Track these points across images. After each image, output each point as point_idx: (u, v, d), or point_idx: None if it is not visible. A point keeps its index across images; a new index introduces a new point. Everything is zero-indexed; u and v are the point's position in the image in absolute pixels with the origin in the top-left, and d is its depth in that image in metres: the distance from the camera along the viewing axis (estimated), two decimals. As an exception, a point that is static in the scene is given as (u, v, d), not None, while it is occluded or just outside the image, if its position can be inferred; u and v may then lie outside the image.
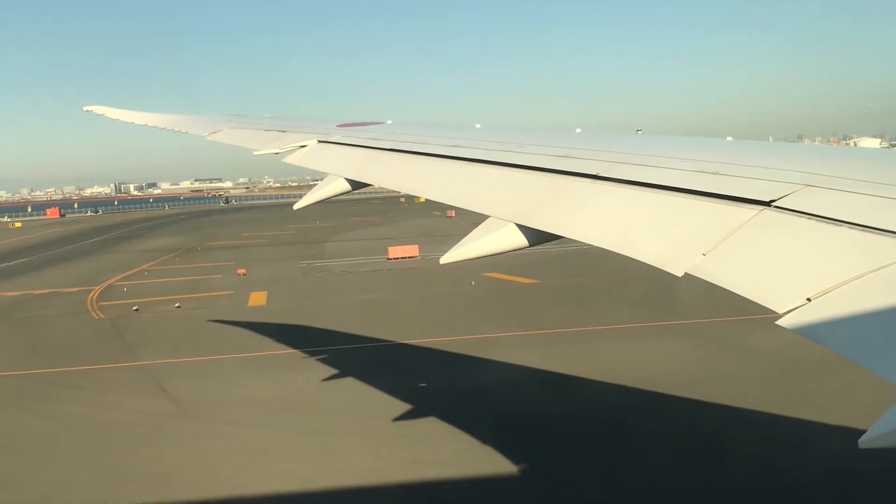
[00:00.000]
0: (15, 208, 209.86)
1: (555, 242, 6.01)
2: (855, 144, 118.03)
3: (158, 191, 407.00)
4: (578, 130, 8.45)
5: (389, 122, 11.13)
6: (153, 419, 20.99)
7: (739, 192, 4.67)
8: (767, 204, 4.41)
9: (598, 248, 5.23)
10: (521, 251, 6.03)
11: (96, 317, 38.27)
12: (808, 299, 3.62)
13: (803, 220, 4.15)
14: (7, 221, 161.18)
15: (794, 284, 3.81)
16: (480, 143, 8.00)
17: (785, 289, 3.82)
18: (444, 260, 6.11)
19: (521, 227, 5.74)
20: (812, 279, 3.76)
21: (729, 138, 6.90)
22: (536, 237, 5.72)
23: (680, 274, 4.37)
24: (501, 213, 6.00)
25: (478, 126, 9.73)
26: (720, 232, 4.41)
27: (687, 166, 5.52)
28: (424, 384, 22.68)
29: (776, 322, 3.69)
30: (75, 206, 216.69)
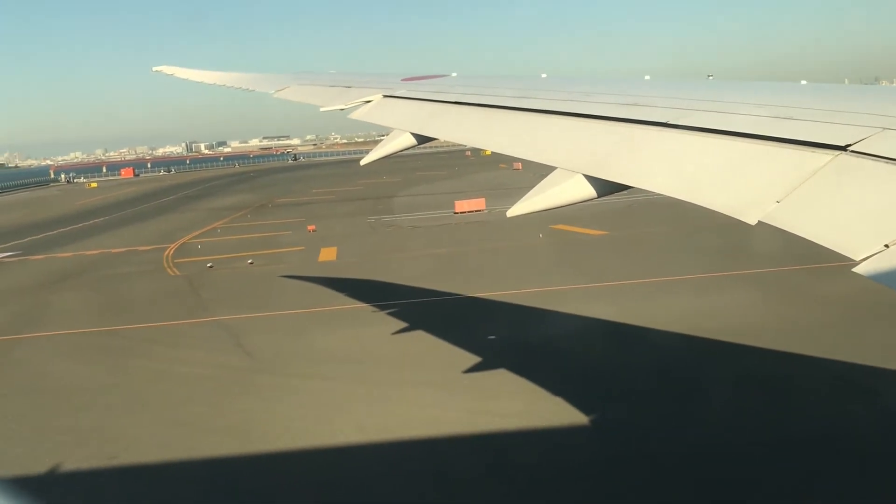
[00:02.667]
0: (90, 169, 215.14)
1: (623, 193, 5.95)
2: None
3: (228, 149, 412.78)
4: (647, 78, 8.29)
5: (454, 74, 11.07)
6: (229, 373, 21.54)
7: (814, 136, 4.54)
8: (843, 148, 4.28)
9: (667, 197, 5.16)
10: (589, 202, 5.97)
11: (172, 274, 39.23)
12: (886, 245, 3.53)
13: (881, 165, 4.03)
14: (83, 182, 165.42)
15: (871, 230, 3.72)
16: (547, 94, 7.91)
17: (862, 235, 3.74)
18: (511, 213, 6.10)
19: (589, 178, 5.68)
20: (890, 225, 3.66)
21: (803, 82, 6.70)
22: (605, 188, 5.67)
23: (753, 222, 4.29)
24: (569, 165, 5.94)
25: (544, 76, 9.61)
26: (794, 178, 4.30)
27: (759, 112, 5.39)
28: (493, 337, 22.78)
29: (853, 269, 3.62)
30: (148, 165, 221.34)
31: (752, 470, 13.48)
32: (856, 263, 3.61)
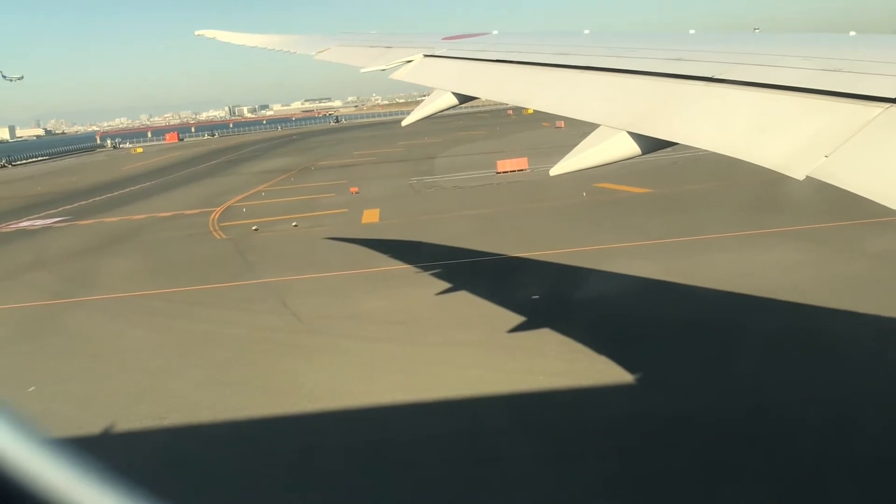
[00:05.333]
0: (136, 134, 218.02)
1: (668, 150, 5.88)
2: None
3: (271, 112, 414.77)
4: (692, 31, 8.15)
5: (495, 32, 10.98)
6: (277, 334, 21.82)
7: (863, 89, 4.44)
8: (893, 101, 4.19)
9: (713, 153, 5.10)
10: (632, 160, 5.92)
11: (218, 237, 39.69)
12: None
13: (935, 116, 3.93)
14: (129, 147, 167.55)
15: (923, 184, 3.65)
16: (589, 50, 7.82)
17: (913, 189, 3.66)
18: (554, 172, 6.07)
19: (633, 135, 5.63)
20: (944, 178, 3.58)
21: (852, 33, 6.54)
22: (649, 145, 5.61)
23: (801, 177, 4.23)
24: (612, 122, 5.88)
25: (586, 32, 9.49)
26: (843, 132, 4.22)
27: (806, 64, 5.28)
28: (537, 296, 22.77)
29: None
30: (192, 129, 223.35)
31: (790, 430, 13.40)
32: (907, 218, 3.55)
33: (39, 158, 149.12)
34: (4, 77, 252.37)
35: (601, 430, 14.09)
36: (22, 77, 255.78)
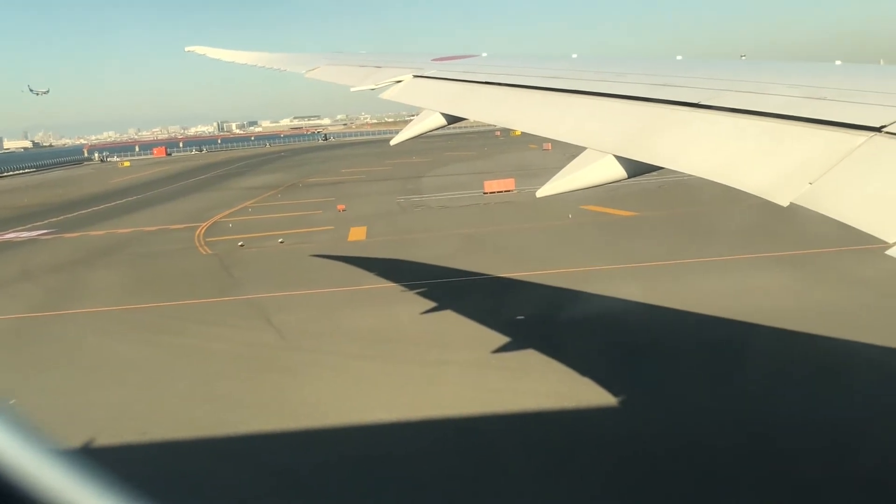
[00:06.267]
0: (123, 148, 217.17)
1: (654, 174, 5.92)
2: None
3: (259, 129, 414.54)
4: (679, 58, 8.22)
5: (484, 54, 11.05)
6: (261, 350, 21.74)
7: (848, 117, 4.50)
8: (878, 129, 4.24)
9: (699, 178, 5.14)
10: (619, 183, 5.96)
11: (203, 252, 39.57)
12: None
13: (917, 146, 3.98)
14: (117, 161, 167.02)
15: (905, 213, 3.69)
16: (577, 74, 7.88)
17: (896, 217, 3.71)
18: (540, 193, 6.11)
19: (620, 159, 5.67)
20: (925, 207, 3.63)
21: (837, 62, 6.62)
22: (635, 168, 5.66)
23: (785, 204, 4.27)
24: (599, 145, 5.93)
25: (574, 56, 9.56)
26: (827, 160, 4.27)
27: (792, 92, 5.34)
28: (522, 317, 22.79)
29: (886, 252, 3.59)
30: (180, 144, 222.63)
31: (772, 454, 13.42)
32: (889, 246, 3.59)
33: (26, 170, 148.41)
34: (31, 91, 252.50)
35: (584, 452, 14.08)
36: (48, 91, 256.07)
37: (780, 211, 4.70)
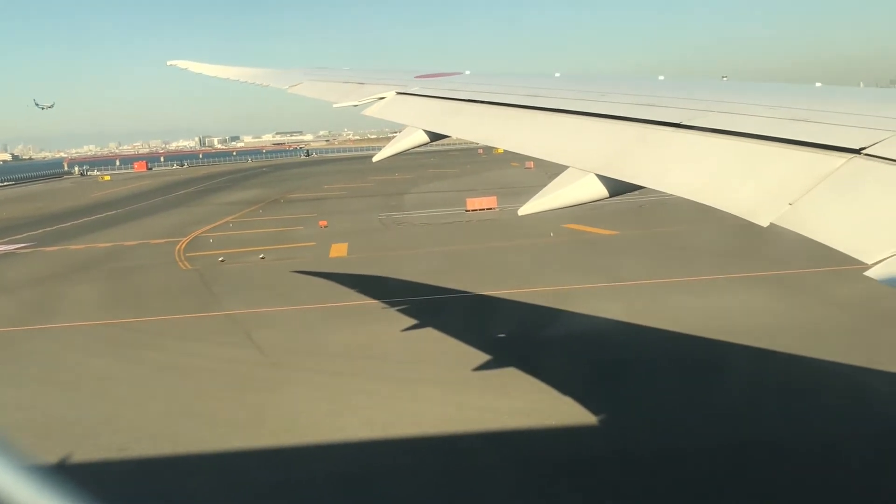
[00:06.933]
0: (104, 162, 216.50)
1: (636, 193, 5.94)
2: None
3: (241, 144, 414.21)
4: (661, 78, 8.28)
5: (467, 72, 11.07)
6: (240, 367, 21.60)
7: (828, 139, 4.53)
8: (857, 151, 4.28)
9: (680, 198, 5.16)
10: (601, 202, 5.97)
11: (184, 267, 39.36)
12: (899, 249, 3.53)
13: (895, 168, 4.02)
14: (97, 175, 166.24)
15: (884, 234, 3.72)
16: (559, 93, 7.91)
17: (874, 238, 3.73)
18: (522, 211, 6.11)
19: (602, 178, 5.69)
20: (903, 229, 3.65)
21: (818, 84, 6.68)
22: (617, 188, 5.67)
23: (765, 224, 4.29)
24: (581, 164, 5.95)
25: (557, 75, 9.61)
26: (807, 181, 4.30)
27: (773, 113, 5.38)
28: (503, 335, 22.78)
29: (865, 273, 3.61)
30: (161, 159, 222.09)
31: (750, 470, 13.45)
32: (868, 267, 3.61)
33: (5, 184, 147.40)
34: (37, 105, 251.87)
35: (564, 470, 14.05)
36: (53, 105, 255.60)
37: (760, 231, 4.72)
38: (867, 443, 13.98)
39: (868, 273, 3.59)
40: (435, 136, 8.76)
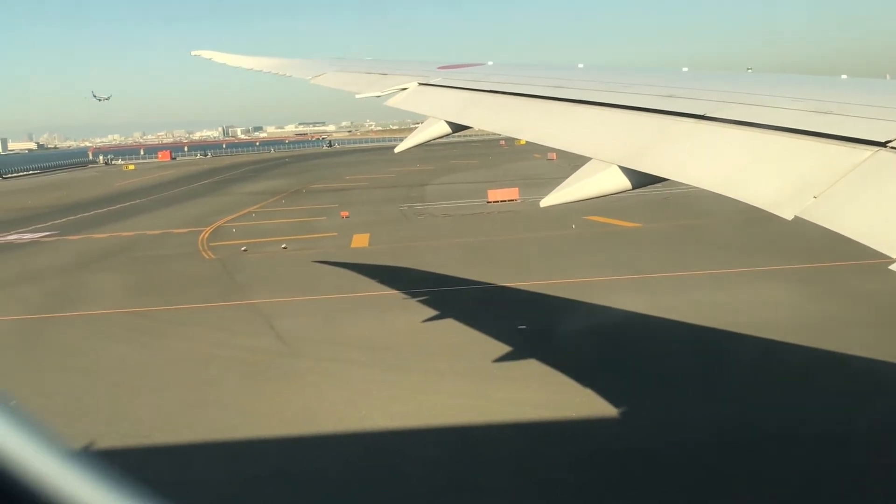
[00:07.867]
0: (128, 151, 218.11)
1: (658, 185, 5.92)
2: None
3: (264, 134, 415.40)
4: (685, 69, 8.22)
5: (490, 63, 11.05)
6: (261, 356, 21.71)
7: (853, 132, 4.49)
8: (883, 145, 4.23)
9: (703, 190, 5.13)
10: (623, 194, 5.95)
11: (207, 257, 39.59)
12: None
13: (922, 162, 3.97)
14: (121, 164, 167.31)
15: (909, 228, 3.68)
16: (583, 84, 7.88)
17: (900, 232, 3.69)
18: (544, 203, 6.10)
19: (625, 170, 5.66)
20: (930, 223, 3.61)
21: (843, 76, 6.61)
22: (640, 180, 5.65)
23: (790, 217, 4.26)
24: (604, 156, 5.93)
25: (580, 66, 9.57)
26: (832, 174, 4.26)
27: (798, 105, 5.34)
28: (524, 326, 22.75)
29: (890, 267, 3.58)
30: (185, 149, 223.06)
31: (766, 465, 13.37)
32: (893, 261, 3.58)
33: (31, 172, 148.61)
34: (95, 97, 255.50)
35: (584, 464, 14.04)
36: (109, 97, 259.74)
37: (784, 224, 4.68)
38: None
39: (893, 267, 3.55)
40: (457, 128, 8.76)
